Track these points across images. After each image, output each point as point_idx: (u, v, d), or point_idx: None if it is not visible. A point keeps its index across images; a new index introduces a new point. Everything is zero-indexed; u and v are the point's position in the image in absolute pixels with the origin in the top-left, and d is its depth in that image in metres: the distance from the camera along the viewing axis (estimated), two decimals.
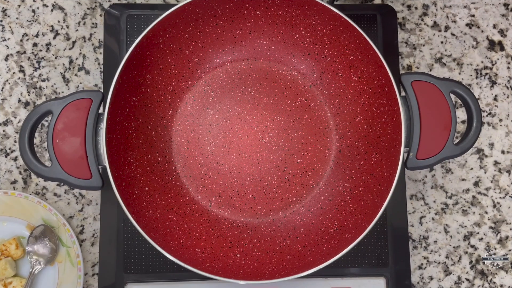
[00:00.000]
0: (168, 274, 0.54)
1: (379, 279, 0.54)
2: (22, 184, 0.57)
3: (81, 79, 0.59)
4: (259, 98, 0.56)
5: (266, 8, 0.53)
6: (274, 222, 0.54)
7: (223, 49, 0.56)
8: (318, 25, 0.53)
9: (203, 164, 0.55)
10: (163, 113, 0.55)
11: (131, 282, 0.54)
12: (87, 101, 0.46)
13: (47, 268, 0.55)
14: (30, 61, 0.59)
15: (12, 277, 0.54)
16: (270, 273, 0.49)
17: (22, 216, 0.55)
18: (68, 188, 0.57)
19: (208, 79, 0.56)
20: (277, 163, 0.55)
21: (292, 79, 0.57)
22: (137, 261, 0.54)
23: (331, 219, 0.53)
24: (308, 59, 0.56)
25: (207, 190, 0.55)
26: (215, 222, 0.54)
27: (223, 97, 0.56)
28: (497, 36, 0.62)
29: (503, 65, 0.62)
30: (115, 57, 0.57)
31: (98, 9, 0.61)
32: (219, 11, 0.53)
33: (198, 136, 0.55)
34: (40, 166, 0.46)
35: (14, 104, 0.59)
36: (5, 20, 0.60)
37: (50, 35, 0.60)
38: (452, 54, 0.62)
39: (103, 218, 0.55)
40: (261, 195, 0.55)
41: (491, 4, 0.63)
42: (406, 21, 0.62)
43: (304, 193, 0.55)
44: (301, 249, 0.51)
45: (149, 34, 0.48)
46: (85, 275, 0.56)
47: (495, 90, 0.61)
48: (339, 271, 0.55)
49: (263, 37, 0.56)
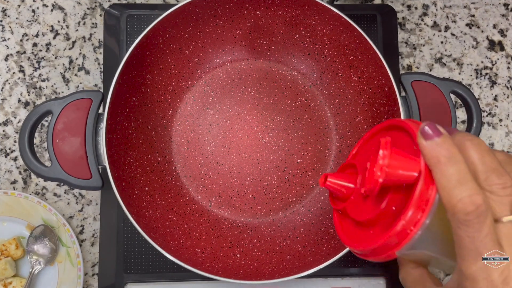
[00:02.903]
0: (168, 274, 0.54)
1: (379, 279, 0.54)
2: (22, 184, 0.57)
3: (81, 79, 0.59)
4: (259, 98, 0.56)
5: (266, 8, 0.53)
6: (274, 222, 0.54)
7: (223, 49, 0.56)
8: (318, 25, 0.53)
9: (203, 164, 0.55)
10: (163, 113, 0.55)
11: (131, 282, 0.54)
12: (87, 101, 0.46)
13: (47, 268, 0.55)
14: (30, 61, 0.59)
15: (12, 277, 0.54)
16: (270, 273, 0.49)
17: (22, 216, 0.55)
18: (68, 188, 0.57)
19: (208, 79, 0.56)
20: (277, 163, 0.55)
21: (292, 79, 0.57)
22: (137, 261, 0.54)
23: (331, 219, 0.53)
24: (308, 59, 0.56)
25: (207, 190, 0.55)
26: (215, 222, 0.54)
27: (223, 97, 0.56)
28: (497, 36, 0.62)
29: (503, 65, 0.62)
30: (115, 57, 0.57)
31: (98, 9, 0.61)
32: (219, 11, 0.53)
33: (198, 136, 0.55)
34: (40, 166, 0.45)
35: (14, 104, 0.59)
36: (5, 20, 0.60)
37: (50, 35, 0.60)
38: (452, 54, 0.62)
39: (103, 218, 0.55)
40: (261, 195, 0.55)
41: (491, 4, 0.63)
42: (406, 21, 0.62)
43: (304, 193, 0.55)
44: (301, 249, 0.51)
45: (149, 34, 0.48)
46: (85, 275, 0.56)
47: (495, 90, 0.61)
48: (339, 271, 0.55)
49: (263, 37, 0.56)
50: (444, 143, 0.30)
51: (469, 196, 0.28)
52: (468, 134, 0.32)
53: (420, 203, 0.29)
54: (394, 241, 0.30)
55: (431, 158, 0.30)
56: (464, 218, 0.28)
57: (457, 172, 0.29)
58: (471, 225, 0.28)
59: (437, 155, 0.29)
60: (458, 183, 0.29)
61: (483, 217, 0.28)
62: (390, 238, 0.30)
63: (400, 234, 0.30)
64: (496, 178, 0.30)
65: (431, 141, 0.30)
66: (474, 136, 0.32)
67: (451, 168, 0.29)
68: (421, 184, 0.29)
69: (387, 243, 0.30)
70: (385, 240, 0.30)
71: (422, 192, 0.29)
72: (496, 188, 0.29)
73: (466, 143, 0.31)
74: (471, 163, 0.30)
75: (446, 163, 0.29)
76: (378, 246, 0.31)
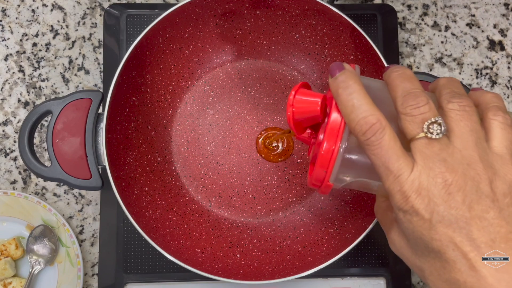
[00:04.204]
0: (168, 274, 0.54)
1: (379, 279, 0.54)
2: (21, 184, 0.57)
3: (81, 79, 0.59)
4: (259, 98, 0.56)
5: (266, 8, 0.53)
6: (274, 222, 0.54)
7: (223, 49, 0.56)
8: (318, 25, 0.53)
9: (203, 164, 0.55)
10: (163, 113, 0.55)
11: (131, 282, 0.54)
12: (87, 101, 0.46)
13: (46, 268, 0.55)
14: (30, 61, 0.59)
15: (11, 277, 0.54)
16: (270, 273, 0.49)
17: (22, 216, 0.55)
18: (67, 188, 0.57)
19: (208, 79, 0.56)
20: (277, 163, 0.55)
21: (292, 79, 0.57)
22: (137, 261, 0.54)
23: (331, 219, 0.53)
24: (308, 59, 0.56)
25: (207, 190, 0.54)
26: (215, 222, 0.54)
27: (223, 97, 0.56)
28: (497, 36, 0.62)
29: (503, 65, 0.62)
30: (115, 57, 0.57)
31: (97, 9, 0.61)
32: (219, 11, 0.53)
33: (198, 136, 0.55)
34: (40, 166, 0.45)
35: (13, 104, 0.58)
36: (4, 20, 0.60)
37: (50, 35, 0.60)
38: (452, 54, 0.62)
39: (103, 218, 0.54)
40: (261, 195, 0.55)
41: (492, 4, 0.63)
42: (406, 21, 0.62)
43: (304, 193, 0.55)
44: (301, 249, 0.51)
45: (149, 34, 0.48)
46: (85, 275, 0.56)
47: (496, 90, 0.61)
48: (339, 271, 0.55)
49: (263, 37, 0.56)
50: (342, 75, 0.33)
51: (363, 118, 0.31)
52: (397, 66, 0.34)
53: (332, 135, 0.33)
54: (323, 172, 0.34)
55: (333, 92, 0.33)
56: (364, 138, 0.31)
57: (351, 99, 0.32)
58: (370, 143, 0.31)
59: (336, 88, 0.33)
60: (353, 108, 0.31)
61: (380, 134, 0.30)
62: (317, 169, 0.34)
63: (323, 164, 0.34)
64: (411, 100, 0.31)
65: (334, 77, 0.33)
66: (401, 67, 0.34)
67: (346, 97, 0.32)
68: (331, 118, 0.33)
69: (318, 174, 0.35)
70: (315, 172, 0.35)
71: (332, 125, 0.33)
72: (410, 109, 0.31)
73: (392, 74, 0.33)
74: (393, 90, 0.32)
75: (342, 92, 0.32)
76: (314, 178, 0.35)
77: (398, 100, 0.32)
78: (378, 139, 0.30)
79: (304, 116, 0.38)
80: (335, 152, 0.33)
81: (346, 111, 0.32)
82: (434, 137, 0.30)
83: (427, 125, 0.30)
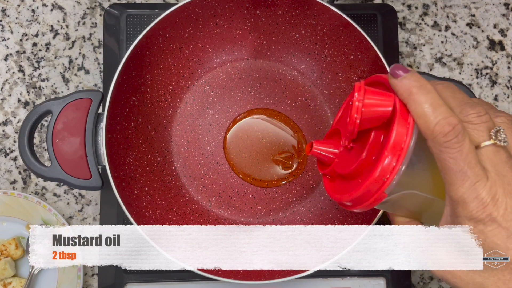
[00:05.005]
0: (168, 274, 0.54)
1: (379, 279, 0.54)
2: (21, 184, 0.57)
3: (81, 79, 0.59)
4: (259, 98, 0.56)
5: (266, 8, 0.53)
6: (274, 222, 0.54)
7: (223, 49, 0.56)
8: (318, 24, 0.53)
9: (203, 164, 0.55)
10: (163, 113, 0.55)
11: (131, 282, 0.53)
12: (87, 101, 0.46)
13: (46, 268, 0.55)
14: (30, 61, 0.59)
15: (11, 277, 0.54)
16: (270, 273, 0.49)
17: (22, 216, 0.55)
18: (67, 188, 0.57)
19: (208, 79, 0.56)
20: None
21: (292, 79, 0.57)
22: None
23: (331, 219, 0.53)
24: (308, 58, 0.56)
25: (207, 190, 0.54)
26: (215, 222, 0.54)
27: (223, 97, 0.56)
28: (497, 35, 0.62)
29: (503, 65, 0.62)
30: (115, 57, 0.57)
31: (97, 8, 0.61)
32: (219, 11, 0.53)
33: (198, 136, 0.55)
34: (40, 166, 0.45)
35: (13, 104, 0.58)
36: (4, 20, 0.60)
37: (50, 34, 0.60)
38: (452, 54, 0.62)
39: (103, 218, 0.54)
40: (261, 195, 0.55)
41: (492, 3, 0.63)
42: (406, 21, 0.62)
43: (304, 193, 0.55)
44: None
45: (149, 34, 0.48)
46: (85, 275, 0.56)
47: (496, 90, 0.61)
48: (339, 271, 0.55)
49: (263, 37, 0.56)
50: (413, 75, 0.31)
51: (444, 118, 0.29)
52: (438, 81, 0.33)
53: (395, 149, 0.30)
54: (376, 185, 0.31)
55: (403, 92, 0.31)
56: (444, 140, 0.29)
57: (430, 98, 0.30)
58: (451, 146, 0.29)
59: (408, 87, 0.30)
60: (432, 108, 0.29)
61: (462, 136, 0.29)
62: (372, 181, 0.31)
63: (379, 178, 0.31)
64: (470, 108, 0.31)
65: (401, 78, 0.31)
66: (444, 81, 0.33)
67: (423, 96, 0.30)
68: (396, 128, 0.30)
69: (370, 187, 0.31)
70: (368, 184, 0.31)
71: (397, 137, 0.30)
72: (472, 117, 0.30)
73: (438, 86, 0.32)
74: (445, 99, 0.31)
75: (418, 92, 0.30)
76: (363, 192, 0.32)
77: (455, 108, 0.31)
78: (459, 142, 0.29)
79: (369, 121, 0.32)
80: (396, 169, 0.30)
81: (424, 111, 0.30)
82: (502, 144, 0.30)
83: (494, 132, 0.30)
